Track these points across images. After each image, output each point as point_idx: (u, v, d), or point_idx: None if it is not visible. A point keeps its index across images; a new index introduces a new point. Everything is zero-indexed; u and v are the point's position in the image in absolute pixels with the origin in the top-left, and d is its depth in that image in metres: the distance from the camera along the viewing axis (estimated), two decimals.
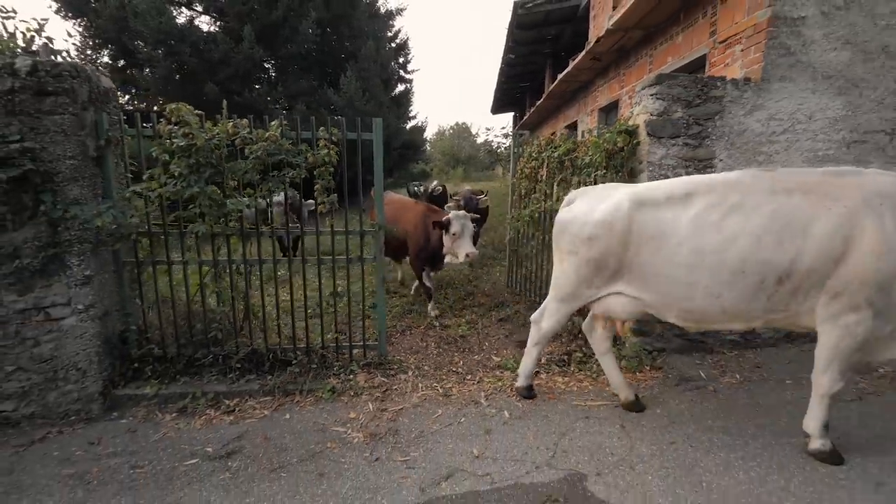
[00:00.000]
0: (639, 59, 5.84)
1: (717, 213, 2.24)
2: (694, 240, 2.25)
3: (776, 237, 2.10)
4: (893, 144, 3.37)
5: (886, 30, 3.27)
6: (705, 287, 2.24)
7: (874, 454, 2.22)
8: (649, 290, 2.43)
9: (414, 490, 2.16)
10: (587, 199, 2.66)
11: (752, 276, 2.15)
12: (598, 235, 2.48)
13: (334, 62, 18.42)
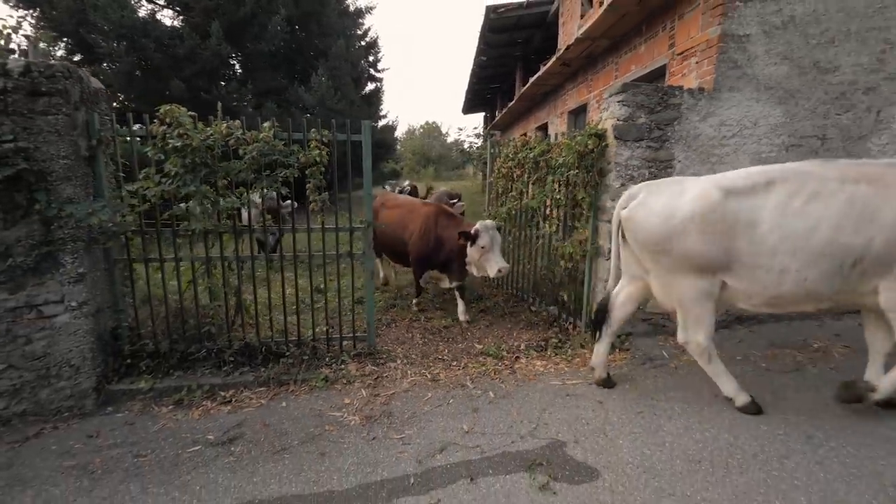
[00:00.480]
0: (605, 66, 6.22)
1: (799, 201, 2.33)
2: (783, 226, 2.34)
3: (853, 223, 2.25)
4: (824, 148, 3.83)
5: (817, 47, 3.72)
6: (796, 271, 2.34)
7: (806, 414, 2.59)
8: (744, 278, 2.47)
9: (412, 462, 2.36)
10: (661, 193, 2.65)
11: (833, 260, 2.28)
12: (689, 230, 2.47)
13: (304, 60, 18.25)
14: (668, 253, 2.56)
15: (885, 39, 3.72)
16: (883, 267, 2.24)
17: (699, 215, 2.45)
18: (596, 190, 3.77)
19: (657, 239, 2.57)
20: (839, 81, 3.77)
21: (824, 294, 2.38)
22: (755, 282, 2.45)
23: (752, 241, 2.40)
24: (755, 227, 2.39)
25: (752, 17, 3.65)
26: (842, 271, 2.29)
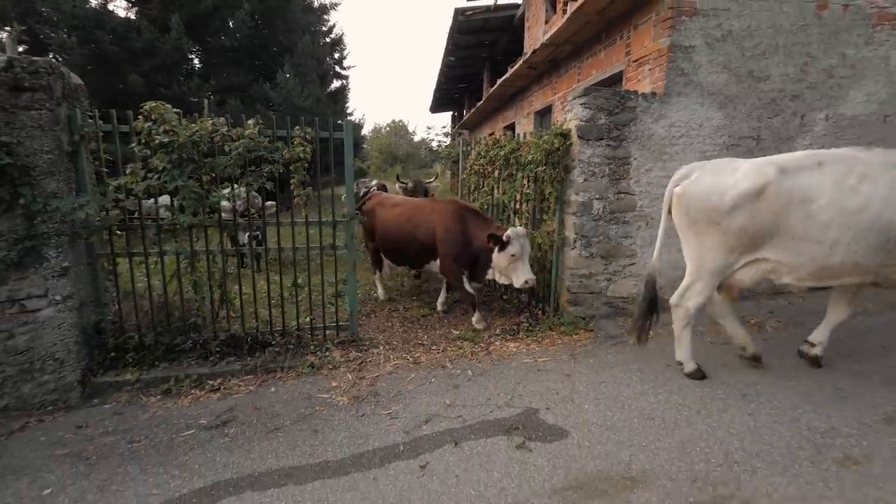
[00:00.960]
0: (569, 69, 6.61)
1: (853, 179, 2.54)
2: (838, 202, 2.52)
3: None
4: (759, 147, 4.32)
5: (751, 59, 4.19)
6: (847, 244, 2.53)
7: (742, 377, 2.99)
8: (790, 251, 2.65)
9: (399, 433, 2.58)
10: (716, 172, 2.80)
11: (880, 235, 2.49)
12: (743, 204, 2.64)
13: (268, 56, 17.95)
14: (717, 226, 2.74)
15: (807, 53, 4.24)
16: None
17: (756, 191, 2.64)
18: (562, 185, 4.09)
19: (710, 213, 2.74)
20: (770, 89, 4.26)
21: (869, 267, 2.60)
22: (802, 255, 2.64)
23: (807, 215, 2.58)
24: (811, 203, 2.58)
25: (697, 30, 4.07)
26: (886, 245, 2.53)
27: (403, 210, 4.53)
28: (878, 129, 4.44)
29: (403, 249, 4.43)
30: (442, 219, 4.14)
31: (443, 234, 4.08)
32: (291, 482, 2.23)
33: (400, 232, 4.39)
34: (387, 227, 4.51)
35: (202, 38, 15.16)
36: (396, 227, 4.43)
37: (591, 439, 2.41)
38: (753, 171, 2.69)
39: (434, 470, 2.26)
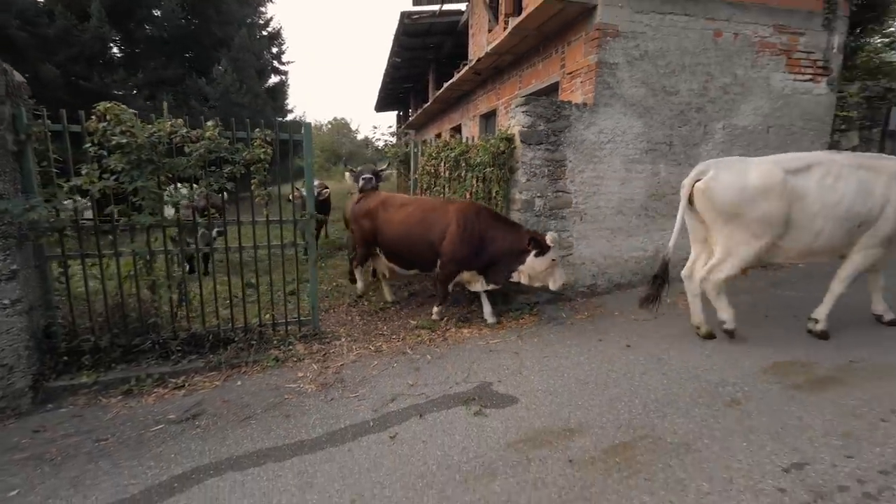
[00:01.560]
0: (511, 77, 7.10)
1: (831, 179, 3.23)
2: (822, 198, 3.20)
3: (862, 197, 3.21)
4: (671, 152, 5.01)
5: (664, 76, 4.85)
6: (828, 232, 3.24)
7: (660, 345, 3.53)
8: (789, 237, 3.30)
9: (368, 411, 2.82)
10: (731, 170, 3.34)
11: (850, 222, 3.21)
12: (758, 198, 3.22)
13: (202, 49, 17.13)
14: (739, 215, 3.30)
15: (707, 72, 4.98)
16: (868, 228, 3.30)
17: (769, 187, 3.23)
18: (507, 184, 4.51)
19: (733, 205, 3.29)
20: (679, 102, 4.96)
21: (838, 247, 3.35)
22: (797, 239, 3.31)
23: (803, 208, 3.25)
24: (805, 198, 3.24)
25: (619, 49, 4.65)
26: (851, 230, 3.26)
27: (414, 210, 4.24)
28: (763, 138, 5.30)
29: (414, 252, 4.19)
30: (457, 220, 3.98)
31: (455, 236, 3.93)
32: (270, 460, 2.41)
33: (410, 234, 4.16)
34: (395, 228, 4.23)
35: (128, 27, 14.16)
36: (406, 229, 4.18)
37: (537, 403, 2.80)
38: (766, 171, 3.30)
39: (403, 438, 2.53)
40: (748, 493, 2.00)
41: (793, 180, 3.26)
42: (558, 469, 2.22)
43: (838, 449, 2.26)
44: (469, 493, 2.09)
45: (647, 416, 2.62)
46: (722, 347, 3.49)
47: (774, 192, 3.22)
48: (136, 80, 14.34)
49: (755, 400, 2.73)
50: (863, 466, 2.13)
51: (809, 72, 5.31)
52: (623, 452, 2.31)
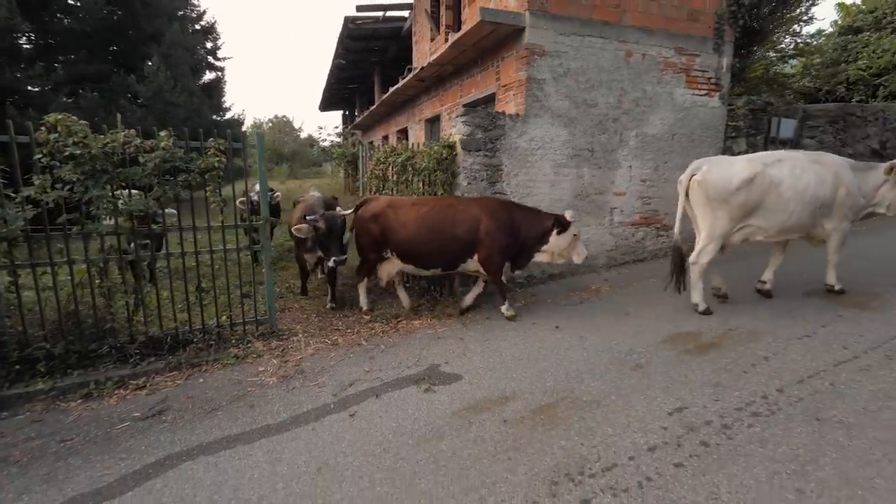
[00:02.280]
0: (453, 86, 7.56)
1: (798, 170, 4.05)
2: (793, 186, 4.00)
3: (820, 184, 4.04)
4: (593, 157, 5.68)
5: (584, 90, 5.50)
6: (798, 213, 4.04)
7: (582, 326, 4.10)
8: (768, 219, 4.07)
9: (328, 396, 3.13)
10: (720, 166, 4.10)
11: (813, 205, 4.04)
12: (743, 187, 3.96)
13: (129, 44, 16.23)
14: (727, 203, 4.04)
15: (621, 88, 5.70)
16: (828, 210, 4.17)
17: (751, 179, 4.00)
18: (451, 187, 4.93)
19: (723, 194, 4.00)
20: (598, 114, 5.64)
21: (805, 226, 4.19)
22: (773, 220, 4.11)
23: (778, 194, 4.04)
24: (779, 186, 4.03)
25: (546, 67, 5.23)
26: (815, 212, 4.12)
27: (432, 210, 4.24)
28: (669, 145, 6.13)
29: (437, 251, 4.20)
30: (488, 213, 4.13)
31: (492, 227, 4.09)
32: (240, 443, 2.66)
33: (433, 233, 4.15)
34: (414, 229, 4.18)
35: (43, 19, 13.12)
36: (427, 228, 4.16)
37: (479, 378, 3.25)
38: (748, 165, 4.08)
39: (361, 415, 2.87)
40: (640, 432, 2.54)
41: (770, 171, 4.09)
42: (495, 428, 2.66)
43: (709, 395, 2.89)
44: (420, 452, 2.48)
45: (568, 382, 3.14)
46: (632, 324, 4.13)
47: (757, 181, 4.03)
48: (56, 75, 13.33)
49: (654, 364, 3.34)
50: (725, 406, 2.76)
51: (705, 87, 6.21)
52: (547, 411, 2.80)
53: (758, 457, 2.30)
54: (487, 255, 4.15)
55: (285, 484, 2.30)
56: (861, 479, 2.11)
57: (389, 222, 4.30)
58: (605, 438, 2.51)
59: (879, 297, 4.36)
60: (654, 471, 2.24)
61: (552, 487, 2.17)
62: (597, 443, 2.48)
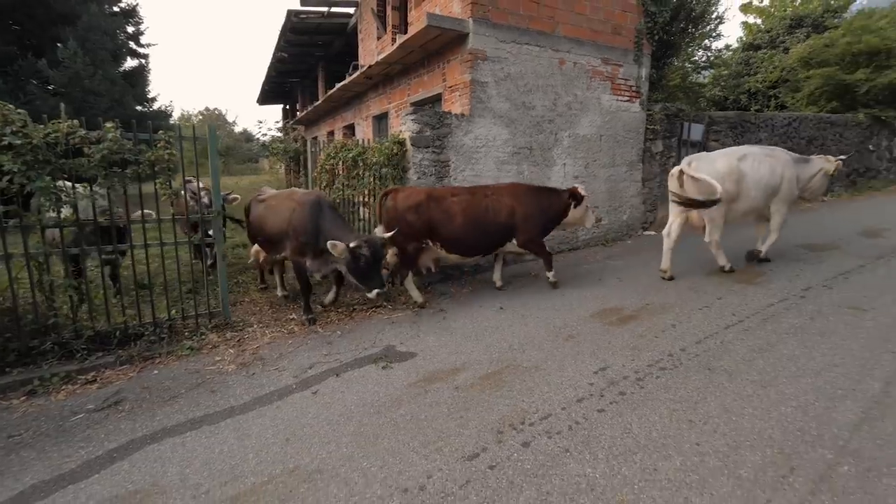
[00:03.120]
0: (401, 84, 7.78)
1: (757, 163, 5.02)
2: (755, 176, 4.99)
3: (772, 175, 5.03)
4: (532, 155, 6.18)
5: (523, 94, 5.98)
6: (758, 198, 5.06)
7: (525, 304, 4.54)
8: (741, 203, 5.00)
9: (290, 378, 3.29)
10: (704, 161, 4.95)
11: (767, 192, 5.06)
12: (725, 177, 4.80)
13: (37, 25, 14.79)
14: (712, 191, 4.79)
15: (555, 92, 6.25)
16: (775, 195, 5.17)
17: (729, 171, 4.89)
18: (401, 182, 5.18)
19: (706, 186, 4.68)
20: (535, 115, 6.14)
21: (762, 209, 5.24)
22: (742, 205, 5.06)
23: (745, 184, 4.97)
24: (746, 177, 4.98)
25: (488, 71, 5.63)
26: (768, 197, 5.14)
27: (472, 200, 4.57)
28: (598, 145, 6.79)
29: (482, 240, 4.64)
30: (521, 200, 4.68)
31: (527, 213, 4.63)
32: (205, 424, 2.77)
33: (478, 223, 4.50)
34: (461, 221, 4.46)
35: None
36: (473, 219, 4.48)
37: (432, 355, 3.56)
38: (727, 160, 5.00)
39: (323, 392, 3.08)
40: (571, 388, 2.98)
41: (740, 165, 5.00)
42: (447, 394, 2.98)
43: (627, 356, 3.40)
44: (381, 418, 2.74)
45: (511, 353, 3.54)
46: (566, 304, 4.63)
47: (733, 173, 4.92)
48: None
49: (584, 334, 3.83)
50: (639, 364, 3.28)
51: (627, 94, 6.95)
52: (494, 377, 3.17)
53: (662, 400, 2.81)
54: (528, 238, 4.76)
55: (255, 454, 2.47)
56: (736, 409, 2.68)
57: (435, 214, 4.47)
58: (543, 395, 2.92)
59: (763, 275, 5.22)
60: (581, 416, 2.67)
61: (498, 435, 2.53)
62: (535, 399, 2.88)
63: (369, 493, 2.15)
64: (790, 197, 5.30)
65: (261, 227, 4.48)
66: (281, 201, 4.42)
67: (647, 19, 6.91)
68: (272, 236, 4.37)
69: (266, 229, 4.42)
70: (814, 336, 3.60)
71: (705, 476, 2.17)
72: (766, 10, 20.48)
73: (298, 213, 4.10)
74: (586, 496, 2.08)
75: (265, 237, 4.47)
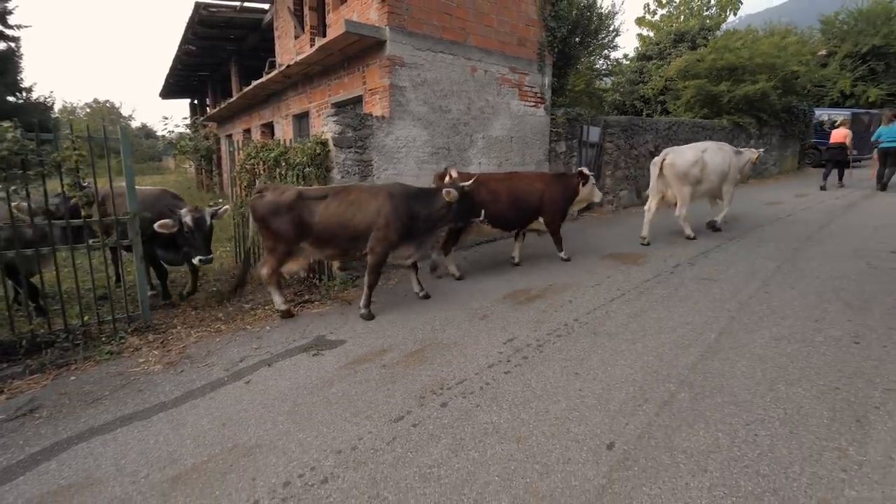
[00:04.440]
0: (321, 84, 7.86)
1: (713, 154, 6.64)
2: (713, 165, 6.56)
3: (724, 163, 6.75)
4: (450, 155, 6.67)
5: (440, 98, 6.44)
6: (715, 182, 6.70)
7: (440, 294, 4.99)
8: (704, 185, 6.57)
9: (221, 371, 3.41)
10: (677, 154, 6.51)
11: (722, 176, 6.79)
12: (693, 167, 6.39)
13: None
14: (686, 177, 6.44)
15: (469, 98, 6.80)
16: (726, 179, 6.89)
17: (696, 160, 6.42)
18: (325, 181, 5.37)
19: (682, 171, 6.40)
20: (452, 118, 6.63)
21: (717, 189, 6.87)
22: (705, 187, 6.66)
23: (706, 170, 6.52)
24: (708, 165, 6.51)
25: (406, 76, 6.00)
26: (724, 178, 6.80)
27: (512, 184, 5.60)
28: (508, 146, 7.47)
29: (519, 217, 5.66)
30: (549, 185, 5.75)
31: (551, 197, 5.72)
32: (136, 420, 2.83)
33: (517, 203, 5.53)
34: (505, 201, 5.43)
35: None
36: (514, 199, 5.50)
37: (360, 340, 3.86)
38: (694, 153, 6.53)
39: (257, 382, 3.25)
40: (483, 357, 3.46)
41: (704, 156, 6.55)
42: (376, 371, 3.32)
43: (531, 328, 3.98)
44: (315, 397, 3.01)
45: (433, 333, 3.95)
46: (482, 289, 5.16)
47: (698, 163, 6.49)
48: None
49: (496, 314, 4.37)
50: (540, 334, 3.86)
51: (533, 100, 7.71)
52: (417, 355, 3.56)
53: (556, 360, 3.39)
54: (551, 218, 5.82)
55: (193, 439, 2.62)
56: (611, 362, 3.33)
57: (483, 194, 5.20)
58: (459, 365, 3.37)
59: (644, 257, 6.19)
60: (491, 378, 3.16)
61: (420, 400, 2.92)
62: (453, 369, 3.32)
63: (306, 458, 2.43)
64: (735, 180, 7.06)
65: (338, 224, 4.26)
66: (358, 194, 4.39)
67: (548, 33, 7.71)
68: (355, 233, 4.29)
69: (349, 226, 4.27)
70: (675, 302, 4.46)
71: (584, 412, 2.74)
72: (657, 25, 23.22)
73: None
74: (492, 437, 2.54)
75: (345, 236, 4.32)
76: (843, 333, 3.61)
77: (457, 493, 2.14)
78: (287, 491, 2.20)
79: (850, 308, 4.09)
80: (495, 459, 2.35)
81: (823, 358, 3.24)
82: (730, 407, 2.72)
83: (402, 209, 4.31)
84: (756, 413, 2.64)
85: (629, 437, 2.49)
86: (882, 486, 2.07)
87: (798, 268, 5.34)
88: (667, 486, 2.13)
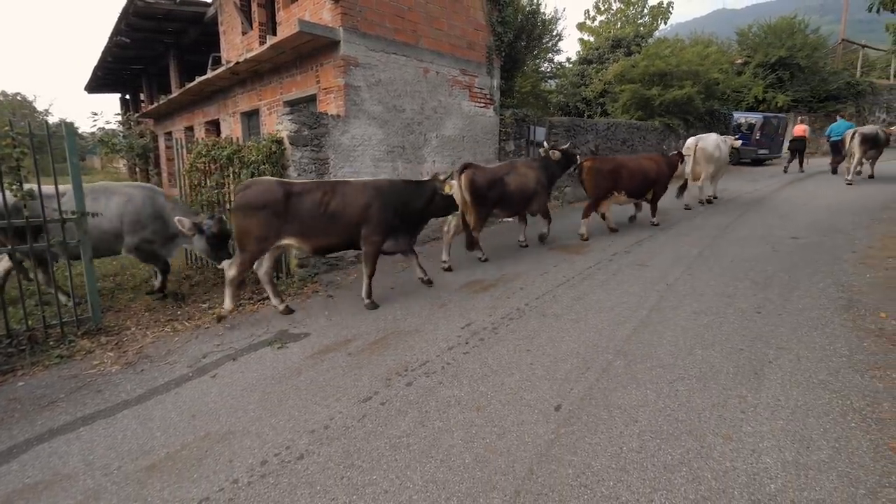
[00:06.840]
0: (272, 82, 7.77)
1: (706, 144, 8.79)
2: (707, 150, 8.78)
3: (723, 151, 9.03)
4: (405, 153, 6.87)
5: (394, 98, 6.61)
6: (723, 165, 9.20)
7: (402, 286, 5.19)
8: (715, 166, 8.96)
9: (184, 368, 3.42)
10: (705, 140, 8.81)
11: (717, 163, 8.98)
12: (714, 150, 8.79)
13: None
14: (712, 157, 8.79)
15: (422, 98, 7.03)
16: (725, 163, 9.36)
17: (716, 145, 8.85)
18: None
19: (708, 155, 8.74)
20: (406, 118, 6.84)
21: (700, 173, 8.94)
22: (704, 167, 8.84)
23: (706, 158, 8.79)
24: (703, 152, 8.76)
25: (360, 76, 6.12)
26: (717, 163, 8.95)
27: (641, 164, 7.26)
28: (461, 144, 7.79)
29: (645, 187, 7.33)
30: (661, 164, 7.49)
31: (666, 170, 7.55)
32: (99, 419, 2.82)
33: (647, 177, 7.25)
34: (639, 176, 7.14)
35: None
36: (644, 174, 7.19)
37: (325, 332, 3.99)
38: (712, 139, 8.88)
39: (222, 375, 3.31)
40: (443, 341, 3.72)
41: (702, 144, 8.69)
42: (342, 359, 3.48)
43: (486, 313, 4.28)
44: (284, 385, 3.13)
45: (395, 322, 4.16)
46: (441, 280, 5.42)
47: (718, 147, 8.76)
48: None
49: (454, 302, 4.64)
50: (495, 318, 4.17)
51: (483, 101, 8.08)
52: (381, 342, 3.75)
53: (510, 340, 3.71)
54: (662, 189, 7.67)
55: (163, 432, 2.67)
56: (558, 339, 3.70)
57: (621, 174, 6.93)
58: (421, 349, 3.60)
59: (588, 247, 6.72)
60: (451, 358, 3.42)
61: (387, 381, 3.13)
62: (416, 353, 3.55)
63: (281, 439, 2.57)
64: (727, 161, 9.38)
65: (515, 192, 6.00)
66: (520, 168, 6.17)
67: (495, 37, 8.10)
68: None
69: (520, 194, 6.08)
70: (613, 286, 4.95)
71: (535, 382, 3.07)
72: (597, 30, 24.57)
73: None
74: (454, 408, 2.80)
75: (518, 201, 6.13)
76: (748, 306, 4.21)
77: (425, 456, 2.38)
78: (265, 468, 2.33)
79: (756, 285, 4.76)
80: (458, 426, 2.61)
81: (732, 326, 3.80)
82: (657, 369, 3.15)
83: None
84: (677, 373, 3.09)
85: (574, 399, 2.84)
86: (771, 421, 2.55)
87: (715, 253, 6.05)
88: (604, 435, 2.49)
